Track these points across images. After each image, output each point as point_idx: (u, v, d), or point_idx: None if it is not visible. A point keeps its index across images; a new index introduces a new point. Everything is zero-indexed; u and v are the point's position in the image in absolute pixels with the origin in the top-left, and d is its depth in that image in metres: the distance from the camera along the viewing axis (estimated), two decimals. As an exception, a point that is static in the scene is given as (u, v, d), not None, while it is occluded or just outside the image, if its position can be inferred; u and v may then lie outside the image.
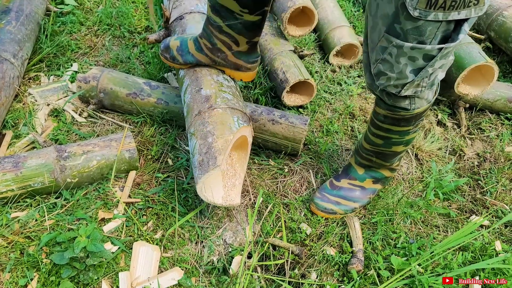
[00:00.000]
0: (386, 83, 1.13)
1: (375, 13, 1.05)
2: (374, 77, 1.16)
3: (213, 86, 1.45)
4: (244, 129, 1.33)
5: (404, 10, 0.95)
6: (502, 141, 1.84)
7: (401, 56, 1.04)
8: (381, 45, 1.07)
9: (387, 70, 1.10)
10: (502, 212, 1.57)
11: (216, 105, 1.38)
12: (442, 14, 0.93)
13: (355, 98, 1.97)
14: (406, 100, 1.19)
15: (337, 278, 1.34)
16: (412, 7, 0.93)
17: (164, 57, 1.57)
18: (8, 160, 1.39)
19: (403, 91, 1.13)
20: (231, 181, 1.39)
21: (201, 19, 1.77)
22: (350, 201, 1.50)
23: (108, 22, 2.25)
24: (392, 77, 1.11)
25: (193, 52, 1.50)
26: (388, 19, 1.01)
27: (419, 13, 0.93)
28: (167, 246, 1.37)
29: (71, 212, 1.41)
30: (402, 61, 1.05)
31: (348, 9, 2.46)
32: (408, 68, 1.07)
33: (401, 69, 1.07)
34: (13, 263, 1.27)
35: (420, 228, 1.49)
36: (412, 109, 1.22)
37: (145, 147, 1.65)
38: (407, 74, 1.08)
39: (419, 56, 1.03)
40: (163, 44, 1.58)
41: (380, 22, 1.05)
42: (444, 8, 0.91)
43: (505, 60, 2.23)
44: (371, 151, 1.44)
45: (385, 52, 1.06)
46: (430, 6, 0.91)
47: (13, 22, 1.86)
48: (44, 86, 1.86)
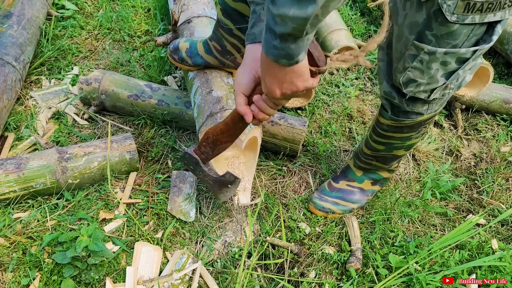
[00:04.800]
0: (415, 90, 1.13)
1: (402, 23, 1.06)
2: (401, 85, 1.14)
3: (224, 88, 1.47)
4: (254, 130, 1.34)
5: (438, 16, 0.96)
6: (498, 141, 1.86)
7: (433, 62, 1.04)
8: (410, 53, 1.07)
9: (417, 77, 1.10)
10: (498, 211, 1.59)
11: (228, 106, 1.40)
12: (478, 17, 0.94)
13: (353, 100, 1.99)
14: (425, 105, 1.19)
15: (336, 276, 1.35)
16: (450, 12, 0.93)
17: (173, 58, 1.59)
18: (11, 162, 1.41)
19: (432, 95, 1.13)
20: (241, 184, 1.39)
21: (209, 23, 1.80)
22: (348, 202, 1.52)
23: (108, 26, 2.27)
24: (422, 83, 1.10)
25: (202, 54, 1.52)
26: (418, 27, 1.01)
27: (456, 18, 0.94)
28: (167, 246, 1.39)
29: (72, 212, 1.43)
30: (434, 66, 1.05)
31: (346, 12, 2.49)
32: (440, 73, 1.07)
33: (432, 75, 1.07)
34: (16, 263, 1.28)
35: (418, 227, 1.51)
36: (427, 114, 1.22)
37: (145, 149, 1.67)
38: (438, 79, 1.08)
39: (452, 60, 1.03)
40: (172, 45, 1.60)
41: (406, 31, 1.05)
42: (481, 10, 0.92)
43: (500, 62, 2.26)
44: (372, 156, 1.46)
45: (415, 59, 1.06)
46: (468, 10, 0.92)
47: (15, 26, 1.88)
48: (45, 89, 1.88)
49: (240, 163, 1.40)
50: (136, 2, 2.44)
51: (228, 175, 1.23)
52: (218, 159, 1.37)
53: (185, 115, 1.70)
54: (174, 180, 1.53)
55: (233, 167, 1.39)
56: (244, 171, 1.40)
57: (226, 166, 1.38)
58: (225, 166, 1.38)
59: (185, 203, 1.47)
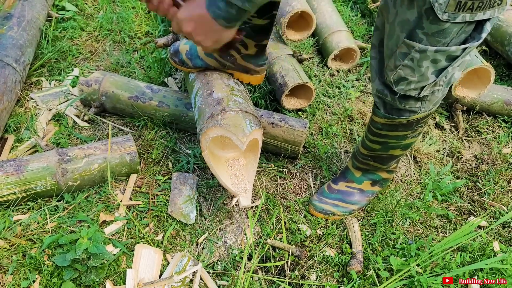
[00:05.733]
0: (406, 88, 1.14)
1: (393, 21, 1.06)
2: (392, 83, 1.15)
3: (224, 90, 1.47)
4: (256, 132, 1.34)
5: (430, 14, 0.97)
6: (499, 143, 1.86)
7: (424, 60, 1.05)
8: (400, 52, 1.07)
9: (408, 75, 1.11)
10: (500, 213, 1.58)
11: (229, 108, 1.39)
12: (469, 15, 0.95)
13: (354, 101, 1.99)
14: (418, 103, 1.20)
15: (337, 279, 1.35)
16: (441, 11, 0.94)
17: (173, 60, 1.59)
18: (11, 164, 1.41)
19: (422, 92, 1.14)
20: (241, 186, 1.39)
21: None
22: (348, 203, 1.51)
23: (108, 27, 2.27)
24: (413, 81, 1.12)
25: (202, 56, 1.52)
26: (409, 25, 1.02)
27: (448, 16, 0.95)
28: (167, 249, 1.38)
29: (72, 214, 1.43)
30: (425, 64, 1.06)
31: (346, 13, 2.49)
32: (430, 70, 1.08)
33: (423, 72, 1.09)
34: (16, 265, 1.28)
35: (419, 229, 1.51)
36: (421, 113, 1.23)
37: (146, 151, 1.67)
38: (428, 76, 1.10)
39: (442, 58, 1.05)
40: (173, 48, 1.60)
41: (397, 29, 1.06)
42: (472, 9, 0.94)
43: (501, 64, 2.26)
44: (369, 156, 1.45)
45: (406, 58, 1.07)
46: (459, 9, 0.93)
47: (15, 27, 1.88)
48: (45, 90, 1.88)
49: (241, 165, 1.39)
50: (137, 3, 2.44)
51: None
52: (219, 161, 1.36)
53: (185, 117, 1.70)
54: (174, 182, 1.52)
55: (233, 169, 1.39)
56: (245, 173, 1.40)
57: (226, 168, 1.38)
58: (226, 168, 1.38)
59: (186, 205, 1.47)
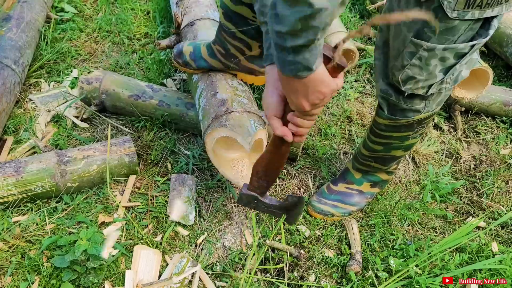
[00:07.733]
0: (414, 87, 1.14)
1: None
2: (400, 83, 1.15)
3: (228, 90, 1.47)
4: (261, 132, 1.34)
5: (439, 13, 0.97)
6: (497, 144, 1.86)
7: (432, 58, 1.06)
8: (408, 51, 1.08)
9: (416, 74, 1.11)
10: (499, 214, 1.59)
11: (233, 109, 1.39)
12: (478, 13, 0.95)
13: (352, 102, 1.99)
14: (423, 102, 1.20)
15: (336, 279, 1.35)
16: (451, 9, 0.95)
17: (177, 62, 1.60)
18: (9, 165, 1.41)
19: (429, 90, 1.14)
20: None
21: (212, 26, 1.80)
22: (347, 205, 1.52)
23: (107, 28, 2.27)
24: (421, 80, 1.12)
25: (206, 58, 1.52)
26: (417, 25, 1.02)
27: (457, 14, 0.95)
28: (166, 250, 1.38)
29: (71, 216, 1.43)
30: (433, 62, 1.07)
31: (345, 15, 2.49)
32: (438, 68, 1.08)
33: (431, 71, 1.09)
34: (14, 266, 1.28)
35: (418, 230, 1.51)
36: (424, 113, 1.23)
37: (145, 152, 1.67)
38: (436, 74, 1.10)
39: (451, 56, 1.05)
40: (176, 49, 1.61)
41: (404, 29, 1.06)
42: (481, 6, 0.94)
43: (500, 65, 2.26)
44: (370, 157, 1.46)
45: (414, 57, 1.07)
46: (469, 6, 0.94)
47: (14, 29, 1.88)
48: (44, 92, 1.88)
49: (244, 166, 1.40)
50: (136, 5, 2.44)
51: (290, 198, 1.17)
52: (222, 161, 1.37)
53: (185, 117, 1.70)
54: (173, 183, 1.53)
55: (236, 170, 1.39)
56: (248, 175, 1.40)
57: (230, 168, 1.38)
58: (229, 168, 1.38)
59: (185, 206, 1.47)
